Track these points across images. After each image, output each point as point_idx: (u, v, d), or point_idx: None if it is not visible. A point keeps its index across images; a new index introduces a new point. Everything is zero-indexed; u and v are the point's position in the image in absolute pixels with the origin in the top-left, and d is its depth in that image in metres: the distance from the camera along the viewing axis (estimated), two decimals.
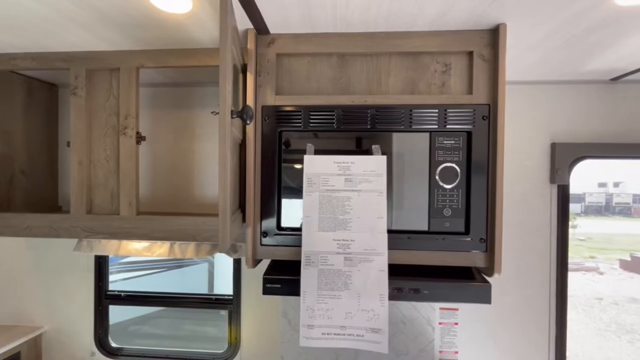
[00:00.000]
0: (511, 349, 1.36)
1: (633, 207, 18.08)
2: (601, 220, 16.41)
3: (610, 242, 11.89)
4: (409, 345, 1.38)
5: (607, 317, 6.04)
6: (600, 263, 9.66)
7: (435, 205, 0.91)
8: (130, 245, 1.42)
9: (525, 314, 1.35)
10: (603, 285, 7.98)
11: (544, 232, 1.32)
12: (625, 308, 6.59)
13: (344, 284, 0.89)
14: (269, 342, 1.44)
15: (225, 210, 0.66)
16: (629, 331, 5.57)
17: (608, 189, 20.35)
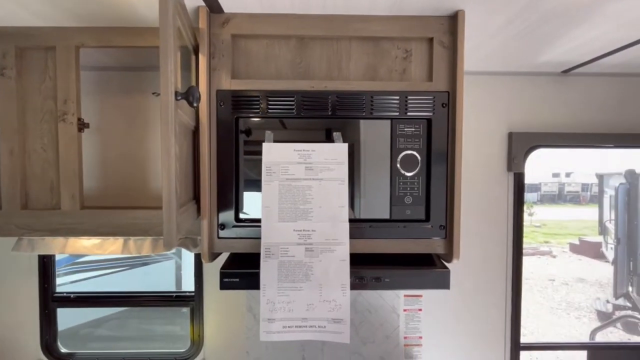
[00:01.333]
0: (472, 330, 1.41)
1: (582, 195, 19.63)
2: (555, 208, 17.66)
3: (562, 228, 12.83)
4: (375, 333, 1.40)
5: (559, 297, 6.55)
6: (554, 247, 10.41)
7: (397, 193, 0.90)
8: (78, 243, 1.30)
9: (484, 296, 1.41)
10: (555, 267, 8.60)
11: (501, 218, 1.37)
12: (574, 287, 7.17)
13: (305, 275, 0.86)
14: (233, 338, 1.40)
15: (170, 201, 0.61)
16: (576, 308, 6.07)
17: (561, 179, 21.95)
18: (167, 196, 0.60)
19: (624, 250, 5.12)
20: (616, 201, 5.12)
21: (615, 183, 5.51)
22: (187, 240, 1.29)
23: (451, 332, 1.41)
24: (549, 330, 5.18)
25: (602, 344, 1.45)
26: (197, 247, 1.29)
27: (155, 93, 0.67)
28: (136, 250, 1.30)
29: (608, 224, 6.38)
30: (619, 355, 1.43)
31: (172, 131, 0.59)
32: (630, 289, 5.12)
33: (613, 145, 1.36)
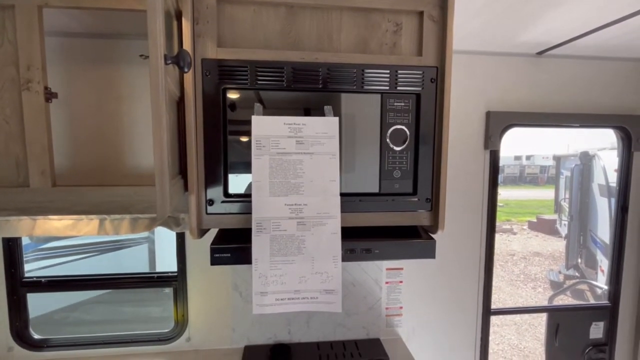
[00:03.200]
0: (448, 298, 1.50)
1: (540, 177, 21.03)
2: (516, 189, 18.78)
3: (522, 207, 13.73)
4: (359, 305, 1.45)
5: (518, 269, 7.09)
6: (514, 225, 11.14)
7: (386, 168, 0.92)
8: (48, 224, 1.22)
9: (460, 268, 1.49)
10: (515, 243, 9.23)
11: (477, 193, 1.45)
12: (531, 261, 7.77)
13: (297, 248, 0.87)
14: (218, 316, 1.39)
15: (163, 171, 0.58)
16: (532, 279, 6.61)
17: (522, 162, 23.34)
18: (160, 166, 0.57)
19: (576, 226, 5.60)
20: (571, 181, 5.54)
21: (571, 165, 5.94)
22: (169, 220, 1.25)
23: (429, 301, 1.49)
24: (508, 300, 5.63)
25: (559, 306, 1.61)
26: (179, 226, 1.25)
27: (142, 55, 0.62)
28: (113, 231, 1.24)
29: (563, 203, 6.93)
30: (572, 315, 1.59)
31: (162, 99, 0.56)
32: (579, 261, 5.64)
33: (579, 125, 1.45)
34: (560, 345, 1.57)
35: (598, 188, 4.79)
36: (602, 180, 4.67)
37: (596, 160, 4.88)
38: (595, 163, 4.91)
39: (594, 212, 5.09)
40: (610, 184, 4.40)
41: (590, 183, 5.10)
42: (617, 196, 1.60)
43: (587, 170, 5.13)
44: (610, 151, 4.87)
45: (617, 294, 1.61)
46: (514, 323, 4.93)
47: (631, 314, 1.61)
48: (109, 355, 1.35)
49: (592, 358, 1.59)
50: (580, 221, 5.45)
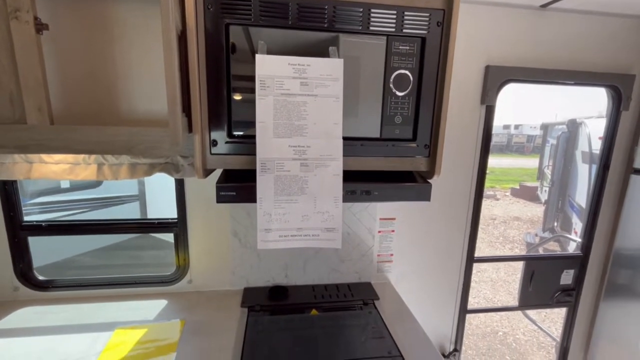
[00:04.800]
0: (436, 247, 1.60)
1: (526, 145, 21.43)
2: (502, 157, 19.13)
3: (506, 175, 14.10)
4: (352, 252, 1.53)
5: (498, 232, 7.46)
6: (497, 192, 11.51)
7: (388, 113, 0.94)
8: (45, 168, 1.22)
9: (448, 218, 1.58)
10: (497, 209, 9.61)
11: (470, 147, 1.49)
12: (510, 225, 8.17)
13: (300, 188, 0.90)
14: (219, 260, 1.46)
15: (175, 96, 0.58)
16: (510, 242, 7.00)
17: (510, 131, 23.61)
18: (172, 91, 0.57)
19: (556, 192, 5.85)
20: (557, 147, 5.68)
21: (557, 133, 6.06)
22: (168, 166, 1.26)
23: (418, 250, 1.59)
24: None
25: (536, 255, 1.75)
26: (179, 172, 1.27)
27: None
28: (112, 176, 1.24)
29: (546, 170, 7.16)
30: (547, 264, 1.73)
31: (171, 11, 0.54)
32: (555, 224, 5.97)
33: (573, 83, 1.48)
34: (533, 289, 1.73)
35: (581, 155, 4.95)
36: (586, 147, 4.81)
37: (582, 128, 4.99)
38: (581, 130, 5.03)
39: (574, 178, 5.29)
40: (593, 151, 4.54)
41: (574, 150, 5.26)
42: (600, 154, 1.67)
43: (572, 137, 5.26)
44: (597, 119, 4.98)
45: (589, 245, 1.74)
46: (490, 280, 5.30)
47: (599, 263, 1.76)
48: (112, 295, 1.41)
49: (560, 300, 1.75)
50: (560, 187, 5.68)
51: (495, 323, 4.19)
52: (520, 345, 3.78)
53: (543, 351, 3.69)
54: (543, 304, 1.75)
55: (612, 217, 1.72)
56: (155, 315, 1.30)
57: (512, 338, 3.90)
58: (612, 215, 1.71)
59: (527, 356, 3.59)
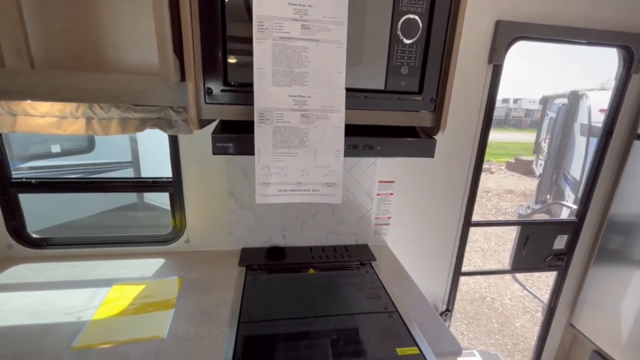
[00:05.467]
0: (433, 211, 1.60)
1: (524, 120, 21.31)
2: (499, 131, 19.06)
3: (502, 149, 14.13)
4: (350, 215, 1.53)
5: (491, 204, 7.58)
6: (493, 165, 11.57)
7: (394, 63, 0.88)
8: (30, 121, 1.15)
9: (448, 181, 1.56)
10: (491, 182, 9.69)
11: (474, 107, 1.45)
12: (504, 197, 8.29)
13: (300, 141, 0.86)
14: (216, 221, 1.44)
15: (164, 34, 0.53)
16: (503, 213, 7.13)
17: (509, 105, 23.36)
18: (161, 27, 0.52)
19: (551, 165, 5.88)
20: (556, 120, 5.64)
21: (558, 105, 5.99)
22: (161, 121, 1.20)
23: (416, 213, 1.59)
24: (478, 230, 6.13)
25: (532, 220, 1.76)
26: (172, 128, 1.21)
27: None
28: (102, 131, 1.19)
29: (543, 144, 7.16)
30: (542, 229, 1.75)
31: None
32: (548, 197, 6.06)
33: (585, 42, 1.41)
34: (526, 254, 1.76)
35: (580, 127, 4.92)
36: (586, 120, 4.77)
37: (583, 100, 4.92)
38: (582, 103, 4.96)
39: (570, 151, 5.30)
40: (592, 123, 4.51)
41: (573, 123, 5.22)
42: (604, 120, 1.64)
43: (572, 109, 5.20)
44: (599, 92, 4.90)
45: (584, 211, 1.75)
46: (481, 249, 5.45)
47: (592, 228, 1.79)
48: (109, 253, 1.40)
49: (551, 265, 1.80)
50: (556, 160, 5.71)
51: (484, 290, 4.36)
52: (506, 309, 3.95)
53: (527, 315, 3.87)
54: (535, 268, 1.79)
55: (609, 184, 1.72)
56: (153, 273, 1.30)
57: (499, 303, 4.07)
58: (611, 182, 1.71)
59: (513, 319, 3.77)
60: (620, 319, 1.66)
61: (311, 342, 0.97)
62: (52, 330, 0.97)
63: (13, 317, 1.02)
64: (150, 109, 1.18)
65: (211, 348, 0.92)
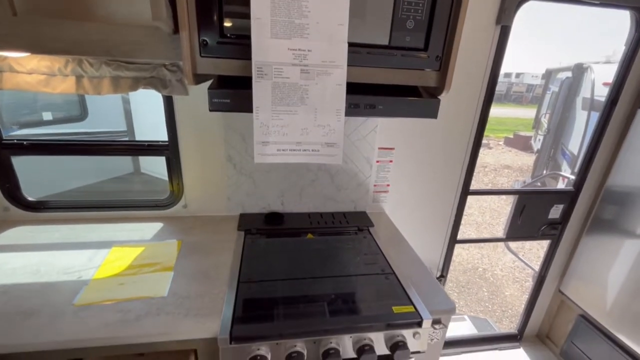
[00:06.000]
0: (432, 179, 1.59)
1: (525, 95, 21.01)
2: (499, 107, 18.85)
3: (501, 124, 14.03)
4: (349, 182, 1.52)
5: (487, 179, 7.63)
6: (491, 141, 11.53)
7: (399, 15, 0.83)
8: (18, 77, 1.10)
9: (448, 149, 1.55)
10: (489, 157, 9.70)
11: (479, 71, 1.40)
12: (500, 172, 8.33)
13: (300, 98, 0.83)
14: (214, 186, 1.43)
15: None
16: (499, 188, 7.15)
17: (511, 79, 22.93)
18: None
19: (550, 140, 5.86)
20: (558, 94, 5.55)
21: (561, 79, 5.87)
22: (154, 80, 1.16)
23: (414, 181, 1.58)
24: (474, 203, 6.21)
25: (530, 189, 1.77)
26: (167, 88, 1.17)
27: None
28: (93, 90, 1.14)
29: (543, 119, 7.09)
30: (539, 198, 1.77)
31: None
32: (544, 172, 6.09)
33: (599, 2, 1.35)
34: (522, 222, 1.78)
35: (582, 102, 4.85)
36: (588, 93, 4.69)
37: (588, 73, 4.82)
38: (586, 76, 4.86)
39: (570, 126, 5.27)
40: (595, 97, 4.44)
41: (575, 97, 5.15)
42: (610, 89, 1.61)
43: (576, 83, 5.11)
44: (604, 65, 4.80)
45: (582, 181, 1.76)
46: (475, 222, 5.55)
47: (588, 198, 1.80)
48: (107, 217, 1.40)
49: (545, 233, 1.83)
50: (556, 135, 5.68)
51: (477, 260, 4.48)
52: (497, 279, 4.08)
53: (517, 284, 4.00)
54: (529, 236, 1.82)
55: (609, 154, 1.71)
56: (152, 236, 1.30)
57: (490, 273, 4.19)
58: (611, 152, 1.71)
59: (503, 289, 3.90)
60: (607, 286, 1.72)
61: (309, 300, 0.99)
62: (53, 288, 0.98)
63: (14, 275, 1.03)
64: (143, 67, 1.13)
65: (211, 305, 0.94)
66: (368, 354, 0.88)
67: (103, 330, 0.84)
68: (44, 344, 0.80)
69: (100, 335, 0.82)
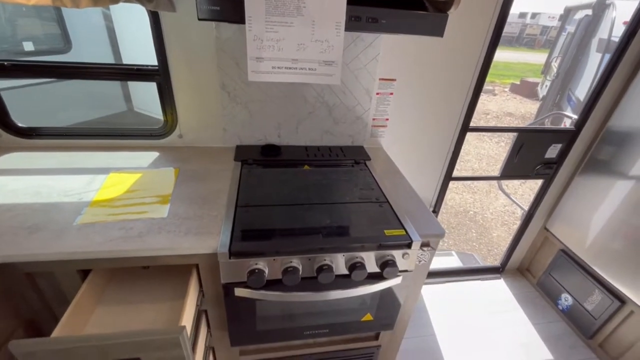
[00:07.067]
0: (433, 114, 1.56)
1: (538, 38, 19.77)
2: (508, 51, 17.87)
3: (509, 70, 13.43)
4: (347, 114, 1.49)
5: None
6: (497, 87, 11.13)
7: None
8: None
9: (451, 84, 1.49)
10: (492, 104, 9.45)
11: (489, 7, 1.30)
12: (502, 120, 8.19)
13: (296, 8, 0.77)
14: (208, 115, 1.40)
15: None
16: (498, 135, 7.12)
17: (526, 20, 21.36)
18: None
19: (557, 85, 5.65)
20: (573, 34, 5.22)
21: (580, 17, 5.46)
22: None
23: (414, 115, 1.55)
24: (473, 150, 6.21)
25: (531, 127, 1.75)
26: (152, 2, 1.07)
27: None
28: (71, 2, 1.04)
29: (553, 63, 6.75)
30: (538, 137, 1.75)
31: None
32: (547, 120, 5.99)
33: None
34: (518, 161, 1.79)
35: (597, 43, 4.58)
36: (606, 34, 4.41)
37: (609, 10, 4.47)
38: (607, 14, 4.52)
39: (580, 71, 5.05)
40: (612, 37, 4.18)
41: (591, 38, 4.84)
42: (627, 27, 1.50)
43: (594, 22, 4.76)
44: (628, 1, 4.42)
45: (584, 121, 1.73)
46: (471, 169, 5.61)
47: (587, 139, 1.79)
48: (102, 146, 1.39)
49: (539, 172, 1.85)
50: (564, 80, 5.46)
51: (468, 204, 4.62)
52: (486, 222, 4.26)
53: (505, 227, 4.19)
54: (523, 175, 1.85)
55: (615, 94, 1.66)
56: (148, 164, 1.30)
57: (480, 216, 4.36)
58: (617, 92, 1.65)
59: (491, 230, 4.09)
60: (590, 225, 1.79)
61: (305, 224, 1.02)
62: (56, 208, 1.01)
63: (16, 196, 1.05)
64: None
65: (211, 225, 0.98)
66: (359, 270, 0.94)
67: (108, 244, 0.88)
68: (52, 255, 0.84)
69: (105, 248, 0.87)
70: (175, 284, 1.03)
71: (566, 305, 1.96)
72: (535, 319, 2.00)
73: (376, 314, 1.15)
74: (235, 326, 1.05)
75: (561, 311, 2.00)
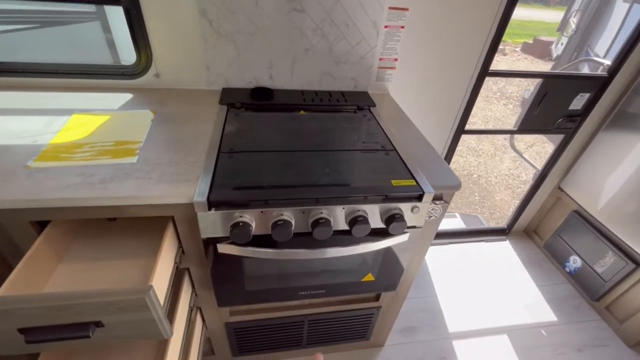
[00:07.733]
0: (448, 54, 1.35)
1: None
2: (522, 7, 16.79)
3: (522, 29, 12.66)
4: (350, 52, 1.28)
5: (496, 88, 7.18)
6: (507, 46, 10.52)
7: None
8: None
9: (469, 21, 1.27)
10: (502, 64, 8.97)
11: None
12: (511, 81, 7.79)
13: None
14: (188, 50, 1.20)
15: None
16: (507, 98, 6.81)
17: None
18: None
19: (575, 42, 5.26)
20: None
21: None
22: None
23: (427, 55, 1.34)
24: (480, 113, 5.95)
25: (556, 73, 1.55)
26: None
27: None
28: None
29: (572, 19, 6.25)
30: (564, 84, 1.56)
31: None
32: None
33: None
34: (538, 113, 1.61)
35: None
36: None
37: None
38: None
39: (602, 24, 4.65)
40: None
41: None
42: None
43: None
44: None
45: (618, 68, 1.53)
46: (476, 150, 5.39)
47: (619, 88, 1.60)
48: (67, 85, 1.21)
49: (560, 127, 1.68)
50: (583, 35, 5.06)
51: (473, 168, 4.48)
52: (490, 185, 4.14)
53: (509, 190, 4.08)
54: (543, 130, 1.67)
55: None
56: (119, 106, 1.13)
57: (484, 180, 4.24)
58: None
59: (494, 194, 3.99)
60: (606, 185, 1.65)
61: (299, 172, 0.88)
62: (5, 150, 0.85)
63: None
64: None
65: (188, 171, 0.83)
66: (361, 225, 0.81)
67: (62, 191, 0.73)
68: None
69: (58, 195, 0.72)
70: (153, 240, 0.91)
71: (574, 267, 1.88)
72: (541, 280, 1.94)
73: (378, 274, 1.04)
74: (221, 286, 0.94)
75: (568, 273, 1.93)
